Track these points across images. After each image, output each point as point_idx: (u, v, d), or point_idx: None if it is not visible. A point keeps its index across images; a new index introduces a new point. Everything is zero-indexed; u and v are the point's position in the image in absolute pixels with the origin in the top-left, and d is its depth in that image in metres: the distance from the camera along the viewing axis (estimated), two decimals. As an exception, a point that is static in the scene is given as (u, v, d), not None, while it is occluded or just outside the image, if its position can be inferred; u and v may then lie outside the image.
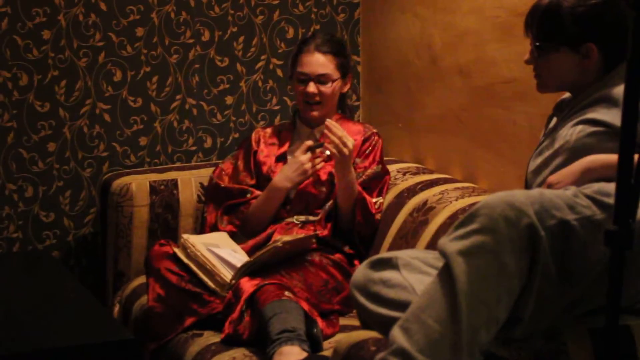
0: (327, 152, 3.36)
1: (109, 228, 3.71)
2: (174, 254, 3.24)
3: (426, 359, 2.03)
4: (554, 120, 2.68)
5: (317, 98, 3.52)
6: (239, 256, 3.27)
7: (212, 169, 3.76)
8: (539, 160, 2.58)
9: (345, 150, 3.30)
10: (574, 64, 2.53)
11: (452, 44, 3.63)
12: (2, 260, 3.70)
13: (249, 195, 3.55)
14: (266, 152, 3.61)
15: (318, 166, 3.49)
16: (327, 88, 3.52)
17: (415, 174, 3.58)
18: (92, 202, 3.90)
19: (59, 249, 3.88)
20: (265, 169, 3.57)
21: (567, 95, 2.69)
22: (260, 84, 4.08)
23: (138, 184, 3.70)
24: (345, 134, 3.32)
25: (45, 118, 3.78)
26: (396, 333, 2.09)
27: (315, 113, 3.55)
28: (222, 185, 3.62)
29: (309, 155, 3.48)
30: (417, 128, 3.90)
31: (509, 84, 3.34)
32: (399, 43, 3.95)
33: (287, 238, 3.19)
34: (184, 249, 3.22)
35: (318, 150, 3.49)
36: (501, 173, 3.41)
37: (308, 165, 3.47)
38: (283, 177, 3.49)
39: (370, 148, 3.54)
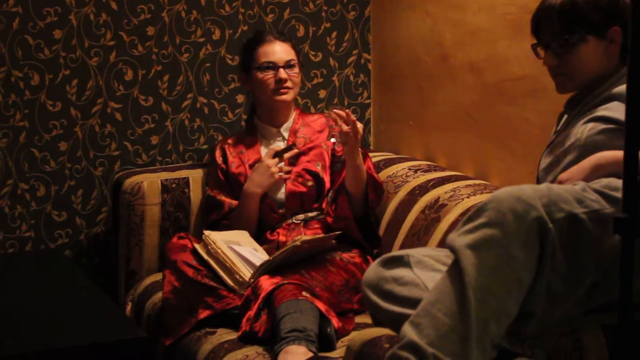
0: (333, 140, 3.31)
1: (120, 227, 3.72)
2: (193, 249, 3.25)
3: (436, 351, 2.04)
4: (565, 117, 2.67)
5: (289, 83, 3.55)
6: (259, 255, 3.28)
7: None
8: (550, 158, 2.58)
9: (359, 135, 3.28)
10: (602, 51, 2.52)
11: (462, 41, 3.63)
12: (14, 260, 3.71)
13: (226, 208, 3.57)
14: (237, 163, 3.62)
15: (285, 175, 3.51)
16: (295, 73, 3.58)
17: (426, 171, 3.58)
18: (104, 201, 3.90)
19: (71, 248, 3.88)
20: (243, 179, 3.58)
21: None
22: (271, 82, 4.09)
23: (150, 183, 3.71)
24: (354, 117, 3.28)
25: (56, 117, 3.79)
26: (407, 328, 2.10)
27: (287, 96, 3.57)
28: (209, 194, 3.65)
29: (275, 160, 3.49)
30: (428, 126, 3.89)
31: (520, 81, 3.33)
32: (409, 41, 3.95)
33: (306, 237, 3.19)
34: (205, 245, 3.23)
35: (285, 155, 3.51)
36: (513, 170, 3.41)
37: (275, 169, 3.48)
38: (252, 183, 3.51)
39: None
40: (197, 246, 3.25)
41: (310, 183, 3.52)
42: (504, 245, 2.06)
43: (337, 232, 3.32)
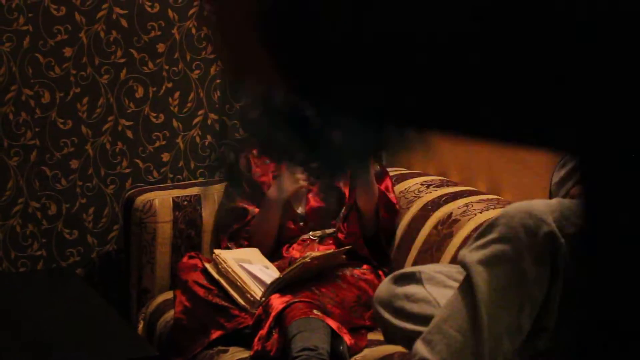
0: None
1: (132, 245, 3.70)
2: (204, 268, 3.23)
3: None
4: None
5: None
6: (270, 272, 3.26)
7: (235, 184, 3.76)
8: (563, 172, 2.56)
9: None
10: None
11: (474, 55, 3.60)
12: (26, 279, 3.70)
13: (249, 217, 3.54)
14: (260, 172, 3.60)
15: (309, 185, 3.49)
16: None
17: (439, 186, 3.56)
18: (116, 219, 3.89)
19: (83, 266, 3.87)
20: (266, 188, 3.56)
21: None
22: (282, 98, 4.07)
23: (161, 200, 3.70)
24: None
25: (67, 135, 3.78)
26: (419, 346, 2.09)
27: None
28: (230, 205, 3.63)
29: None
30: (440, 140, 3.87)
31: (532, 95, 3.31)
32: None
33: (316, 254, 3.18)
34: (216, 264, 3.22)
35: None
36: (526, 184, 3.38)
37: (300, 175, 3.46)
38: (276, 188, 3.48)
39: None
40: (207, 265, 3.23)
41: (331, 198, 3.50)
42: (515, 261, 2.05)
43: (347, 247, 3.31)
